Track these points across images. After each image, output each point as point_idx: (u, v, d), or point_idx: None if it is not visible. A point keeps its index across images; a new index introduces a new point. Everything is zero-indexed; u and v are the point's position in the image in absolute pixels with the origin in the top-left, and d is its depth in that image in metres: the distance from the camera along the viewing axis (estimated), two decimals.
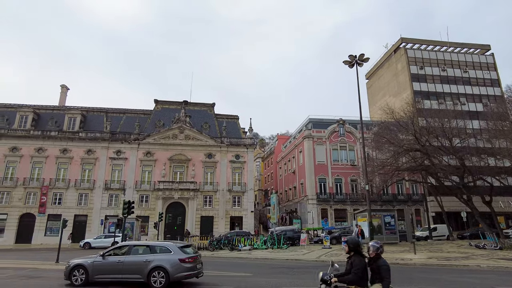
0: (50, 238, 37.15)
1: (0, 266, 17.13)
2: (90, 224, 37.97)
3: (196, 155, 41.67)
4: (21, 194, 38.12)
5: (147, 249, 11.73)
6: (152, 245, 11.86)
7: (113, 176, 39.86)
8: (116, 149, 40.64)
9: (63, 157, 39.81)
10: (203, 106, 46.76)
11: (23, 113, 41.44)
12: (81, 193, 39.05)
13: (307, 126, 47.63)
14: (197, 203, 39.77)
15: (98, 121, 43.27)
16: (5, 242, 36.13)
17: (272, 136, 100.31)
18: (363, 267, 5.53)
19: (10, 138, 39.54)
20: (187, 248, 12.11)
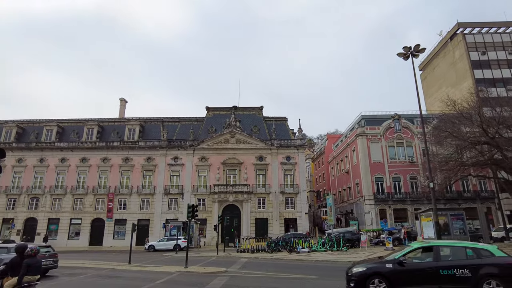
0: (118, 240, 40.02)
1: (84, 266, 18.82)
2: (152, 228, 40.21)
3: (247, 158, 42.31)
4: (91, 201, 41.58)
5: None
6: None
7: (172, 182, 41.90)
8: (173, 156, 42.68)
9: (126, 166, 42.71)
10: (252, 110, 47.42)
11: (90, 126, 45.25)
12: (143, 199, 41.56)
13: (360, 123, 46.10)
14: (251, 206, 40.32)
15: (155, 130, 45.83)
16: (81, 244, 39.65)
17: (320, 136, 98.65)
18: None
19: (80, 150, 43.41)
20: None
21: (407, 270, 9.41)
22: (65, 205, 41.64)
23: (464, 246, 9.78)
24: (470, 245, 9.88)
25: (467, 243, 10.61)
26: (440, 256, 9.53)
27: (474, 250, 9.44)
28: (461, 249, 9.67)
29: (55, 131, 45.32)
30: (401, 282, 9.33)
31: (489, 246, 9.89)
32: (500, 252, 9.30)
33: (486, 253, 9.30)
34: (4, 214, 41.76)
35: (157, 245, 32.55)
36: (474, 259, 9.20)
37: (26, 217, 41.46)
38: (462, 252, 9.56)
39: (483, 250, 9.44)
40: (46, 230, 40.78)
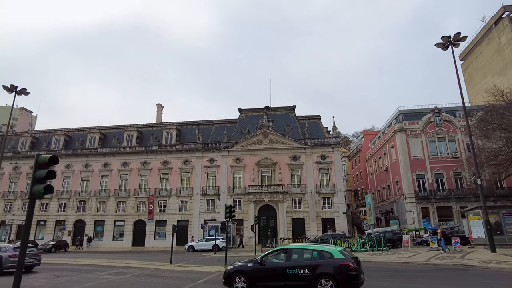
0: (159, 241, 41.51)
1: (129, 266, 19.72)
2: (191, 228, 41.26)
3: (281, 159, 42.19)
4: (133, 203, 43.49)
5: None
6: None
7: (208, 183, 42.78)
8: (209, 158, 43.58)
9: (164, 168, 44.21)
10: (284, 110, 47.22)
11: (129, 132, 47.37)
12: (181, 200, 42.79)
13: (397, 118, 44.39)
14: (286, 206, 40.14)
15: (191, 133, 47.05)
16: (124, 244, 41.60)
17: (356, 133, 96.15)
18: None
19: (121, 155, 45.56)
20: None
21: (265, 268, 10.74)
22: (109, 208, 43.90)
23: (311, 249, 10.91)
24: (317, 248, 10.96)
25: (316, 246, 11.54)
26: (291, 258, 10.71)
27: (318, 252, 10.54)
28: (309, 251, 10.81)
29: (97, 137, 47.93)
30: (258, 279, 10.67)
31: (331, 249, 10.76)
32: (340, 254, 10.23)
33: (327, 255, 10.35)
34: (56, 216, 44.80)
35: (197, 246, 33.35)
36: (315, 260, 10.29)
37: (76, 219, 44.20)
38: (309, 254, 10.70)
39: (325, 252, 10.50)
40: (93, 232, 43.23)
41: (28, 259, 17.08)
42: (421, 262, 17.96)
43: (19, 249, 6.31)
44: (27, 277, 15.11)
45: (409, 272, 15.38)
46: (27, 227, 6.47)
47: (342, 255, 10.25)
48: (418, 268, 16.45)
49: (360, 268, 10.09)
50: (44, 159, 6.64)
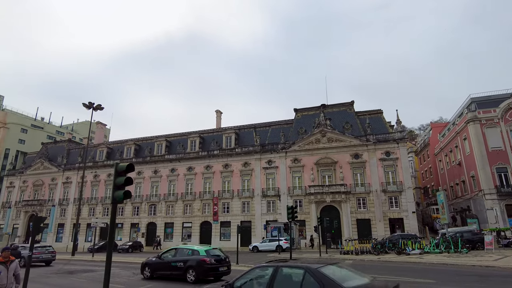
0: (224, 242, 42.85)
1: None
2: (254, 229, 41.97)
3: (341, 157, 40.94)
4: (199, 205, 45.63)
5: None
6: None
7: (268, 184, 43.21)
8: (267, 159, 44.01)
9: (226, 171, 45.69)
10: (342, 106, 45.78)
11: (192, 138, 49.88)
12: (243, 201, 43.81)
13: (469, 107, 40.43)
14: (350, 206, 38.80)
15: (249, 136, 48.01)
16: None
17: (422, 126, 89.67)
18: None
19: (186, 160, 48.16)
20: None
21: (161, 262, 15.27)
22: (177, 210, 46.59)
23: (188, 248, 15.67)
24: (192, 247, 15.68)
25: (192, 246, 16.45)
26: (177, 254, 15.40)
27: (192, 250, 15.07)
28: (186, 250, 15.44)
29: (164, 145, 51.25)
30: (157, 269, 15.35)
31: (199, 248, 15.16)
32: (204, 252, 14.51)
33: (196, 253, 14.71)
34: (131, 219, 48.85)
35: (260, 246, 33.85)
36: (188, 256, 14.79)
37: (148, 222, 47.70)
38: (186, 251, 15.24)
39: (195, 250, 14.96)
40: (164, 233, 46.22)
41: (45, 255, 23.30)
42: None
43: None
44: (109, 273, 16.68)
45: (496, 277, 13.85)
46: (111, 228, 7.16)
47: (205, 253, 14.51)
48: (509, 273, 14.73)
49: (223, 262, 14.63)
50: (122, 167, 7.28)
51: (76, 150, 59.45)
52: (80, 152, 57.26)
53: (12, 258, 7.56)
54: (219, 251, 15.52)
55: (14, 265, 7.61)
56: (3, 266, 7.38)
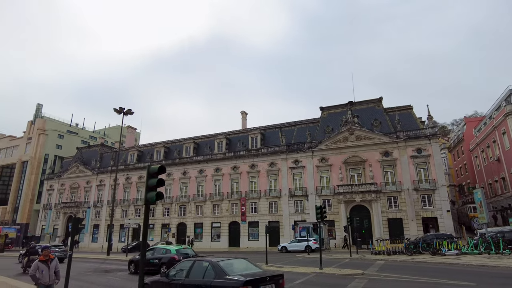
0: (252, 242, 43.11)
1: None
2: (282, 229, 41.85)
3: (371, 155, 39.96)
4: (227, 206, 46.11)
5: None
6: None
7: (295, 184, 42.94)
8: (294, 159, 43.74)
9: (252, 172, 45.88)
10: (370, 103, 44.66)
11: (219, 140, 50.50)
12: (271, 202, 43.79)
13: (508, 99, 38.33)
14: (381, 205, 37.77)
15: (274, 136, 47.96)
16: (222, 245, 44.32)
17: (455, 121, 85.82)
18: None
19: (213, 161, 48.83)
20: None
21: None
22: (206, 211, 47.32)
23: (163, 248, 18.95)
24: (165, 247, 18.95)
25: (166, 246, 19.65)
26: (154, 253, 18.64)
27: (165, 250, 18.37)
28: (162, 249, 18.54)
29: (192, 147, 52.23)
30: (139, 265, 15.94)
31: (172, 248, 18.46)
32: (174, 251, 17.78)
33: (168, 251, 18.06)
34: (162, 220, 50.16)
35: (289, 246, 33.67)
36: (162, 255, 18.01)
37: (178, 222, 48.79)
38: (162, 250, 18.35)
39: (168, 250, 18.31)
40: (193, 233, 47.07)
41: (58, 253, 26.90)
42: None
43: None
44: None
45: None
46: (145, 228, 7.40)
47: (175, 252, 17.71)
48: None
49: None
50: (154, 169, 7.49)
51: (108, 153, 61.85)
52: (112, 156, 59.53)
53: (52, 257, 7.98)
54: (190, 251, 19.28)
55: (54, 263, 8.04)
56: (45, 264, 7.80)
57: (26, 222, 65.17)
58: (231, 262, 9.43)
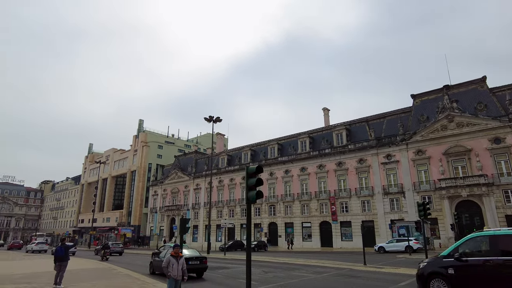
0: (345, 242, 41.74)
1: (324, 265, 20.61)
2: (378, 229, 39.54)
3: (476, 144, 35.14)
4: (316, 205, 45.57)
5: None
6: None
7: (389, 180, 40.21)
8: (385, 154, 41.04)
9: (340, 170, 44.49)
10: (470, 85, 39.33)
11: (302, 139, 50.32)
12: (363, 200, 41.82)
13: None
14: (495, 200, 32.87)
15: (361, 131, 45.72)
16: (313, 245, 43.92)
17: None
18: None
19: (298, 161, 48.84)
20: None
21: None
22: (295, 211, 47.49)
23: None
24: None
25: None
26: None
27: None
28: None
29: (276, 148, 53.11)
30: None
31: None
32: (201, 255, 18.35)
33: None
34: (253, 220, 52.00)
35: (387, 247, 31.66)
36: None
37: (269, 222, 49.99)
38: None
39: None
40: (284, 233, 47.64)
41: (118, 249, 36.03)
42: None
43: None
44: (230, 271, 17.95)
45: None
46: (248, 226, 7.75)
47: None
48: None
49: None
50: (252, 169, 7.80)
51: (202, 159, 66.82)
52: (205, 161, 64.14)
53: (180, 254, 8.85)
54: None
55: (182, 260, 8.88)
56: (175, 259, 8.74)
57: (138, 224, 74.37)
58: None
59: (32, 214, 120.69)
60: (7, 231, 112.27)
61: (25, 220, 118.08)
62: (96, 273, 18.04)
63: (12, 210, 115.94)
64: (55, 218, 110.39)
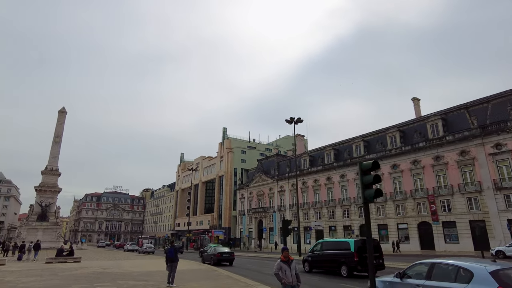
0: (450, 245, 37.44)
1: None
2: (491, 230, 34.50)
3: None
4: (412, 205, 41.88)
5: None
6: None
7: (501, 174, 34.78)
8: (493, 143, 35.69)
9: (438, 164, 40.17)
10: None
11: (391, 134, 46.87)
12: (468, 197, 37.03)
13: None
14: None
15: (460, 119, 40.62)
16: (412, 248, 40.36)
17: None
18: None
19: (388, 157, 45.56)
20: None
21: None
22: (389, 211, 44.34)
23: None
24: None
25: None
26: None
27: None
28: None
29: (362, 145, 50.49)
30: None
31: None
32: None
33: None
34: (342, 222, 50.16)
35: (508, 251, 27.35)
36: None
37: (360, 224, 47.59)
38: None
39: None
40: (378, 235, 44.74)
41: (149, 249, 41.79)
42: None
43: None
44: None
45: None
46: (367, 227, 7.27)
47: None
48: None
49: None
50: (367, 165, 7.33)
51: (283, 162, 67.19)
52: (287, 163, 64.28)
53: (291, 258, 8.06)
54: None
55: (294, 264, 8.12)
56: (286, 265, 7.98)
57: (228, 226, 78.01)
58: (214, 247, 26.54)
59: (137, 219, 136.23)
60: (118, 233, 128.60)
61: (132, 224, 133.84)
62: (200, 274, 19.19)
63: (121, 215, 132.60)
64: (155, 222, 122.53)
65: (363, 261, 16.55)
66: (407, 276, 8.01)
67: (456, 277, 6.84)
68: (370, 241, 7.20)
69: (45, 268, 21.94)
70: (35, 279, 16.19)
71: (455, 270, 7.06)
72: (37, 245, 31.42)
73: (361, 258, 16.84)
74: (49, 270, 20.21)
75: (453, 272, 7.08)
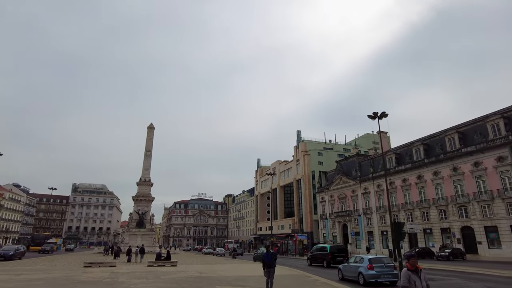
0: None
1: None
2: None
3: None
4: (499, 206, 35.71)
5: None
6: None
7: None
8: None
9: None
10: None
11: (492, 121, 40.89)
12: None
13: None
14: None
15: None
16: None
17: None
18: None
19: (491, 149, 39.58)
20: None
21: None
22: (497, 211, 38.48)
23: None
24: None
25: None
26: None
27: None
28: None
29: (456, 137, 44.98)
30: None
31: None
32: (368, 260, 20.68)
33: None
34: (439, 224, 45.23)
35: None
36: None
37: (461, 226, 42.31)
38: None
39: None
40: (486, 239, 39.23)
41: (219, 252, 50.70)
42: None
43: None
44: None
45: None
46: None
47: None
48: None
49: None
50: None
51: (365, 161, 63.59)
52: (370, 163, 60.61)
53: (419, 267, 6.85)
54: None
55: (424, 274, 6.89)
56: (416, 275, 6.72)
57: (310, 231, 76.53)
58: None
59: (221, 224, 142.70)
60: (205, 238, 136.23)
61: (217, 229, 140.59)
62: (295, 280, 18.78)
63: (207, 221, 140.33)
64: (238, 227, 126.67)
65: (335, 258, 29.47)
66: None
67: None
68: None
69: (148, 271, 23.84)
70: (141, 281, 17.57)
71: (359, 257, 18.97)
72: (142, 249, 34.92)
73: (333, 256, 29.77)
74: (152, 273, 21.85)
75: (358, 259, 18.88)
